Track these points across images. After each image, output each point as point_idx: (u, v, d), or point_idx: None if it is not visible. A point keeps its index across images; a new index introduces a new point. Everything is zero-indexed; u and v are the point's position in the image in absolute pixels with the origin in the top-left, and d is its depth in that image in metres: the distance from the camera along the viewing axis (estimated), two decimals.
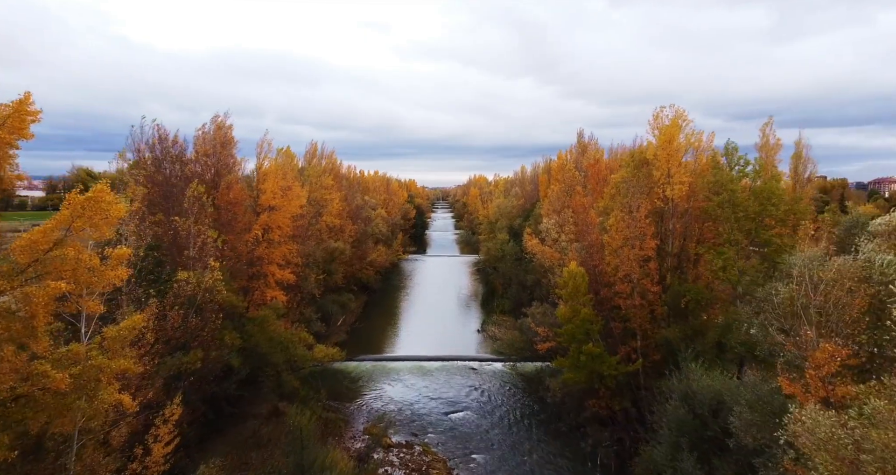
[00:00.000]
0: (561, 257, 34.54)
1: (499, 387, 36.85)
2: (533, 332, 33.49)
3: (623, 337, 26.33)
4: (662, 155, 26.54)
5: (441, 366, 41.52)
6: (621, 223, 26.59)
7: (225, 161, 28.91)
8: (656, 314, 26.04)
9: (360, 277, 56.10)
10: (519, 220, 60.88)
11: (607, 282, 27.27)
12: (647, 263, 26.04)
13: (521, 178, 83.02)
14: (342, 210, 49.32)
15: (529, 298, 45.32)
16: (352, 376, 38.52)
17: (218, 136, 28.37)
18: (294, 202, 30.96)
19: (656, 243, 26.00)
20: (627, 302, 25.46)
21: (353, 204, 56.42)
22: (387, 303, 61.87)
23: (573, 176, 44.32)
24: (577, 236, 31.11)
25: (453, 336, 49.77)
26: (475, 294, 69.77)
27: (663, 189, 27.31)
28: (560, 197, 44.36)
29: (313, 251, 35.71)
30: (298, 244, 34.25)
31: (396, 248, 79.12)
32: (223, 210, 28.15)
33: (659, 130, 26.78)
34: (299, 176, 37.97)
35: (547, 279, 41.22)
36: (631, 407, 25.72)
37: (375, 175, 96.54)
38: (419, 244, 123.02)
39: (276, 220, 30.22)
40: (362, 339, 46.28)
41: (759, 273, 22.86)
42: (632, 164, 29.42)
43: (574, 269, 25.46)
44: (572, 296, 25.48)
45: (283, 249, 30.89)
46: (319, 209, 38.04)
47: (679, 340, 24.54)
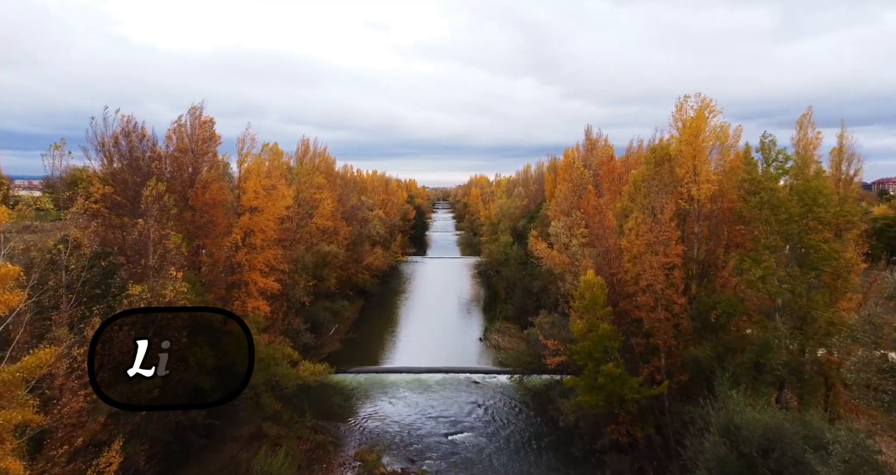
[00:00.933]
0: (571, 263, 31.67)
1: (504, 404, 33.96)
2: (541, 345, 30.66)
3: (645, 354, 23.44)
4: (687, 150, 23.64)
5: (441, 378, 38.67)
6: (643, 226, 23.71)
7: (204, 158, 26.05)
8: (682, 328, 23.14)
9: (356, 282, 53.26)
10: (523, 221, 58.00)
11: (626, 293, 24.38)
12: (672, 271, 23.17)
13: (525, 177, 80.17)
14: (336, 211, 46.48)
15: (536, 305, 42.44)
16: (344, 391, 35.66)
17: (197, 129, 25.52)
18: (279, 203, 28.08)
19: (683, 249, 23.11)
20: (651, 315, 22.57)
21: (348, 204, 53.56)
22: (384, 309, 59.02)
23: (582, 174, 41.47)
24: (591, 240, 28.22)
25: (454, 344, 46.93)
26: (476, 298, 66.95)
27: (688, 188, 24.43)
28: (568, 197, 41.49)
29: (302, 256, 32.85)
30: (285, 249, 31.40)
31: (395, 250, 76.29)
32: (199, 212, 25.32)
33: (683, 123, 23.88)
34: (287, 174, 35.14)
35: (555, 286, 38.37)
36: (655, 434, 22.83)
37: (374, 175, 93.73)
38: (419, 245, 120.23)
39: (259, 223, 27.35)
40: (357, 349, 43.41)
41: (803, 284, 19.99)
42: (652, 161, 26.54)
43: (591, 279, 22.57)
44: (589, 309, 22.59)
45: (266, 255, 28.03)
46: (310, 210, 35.21)
47: (710, 359, 21.68)
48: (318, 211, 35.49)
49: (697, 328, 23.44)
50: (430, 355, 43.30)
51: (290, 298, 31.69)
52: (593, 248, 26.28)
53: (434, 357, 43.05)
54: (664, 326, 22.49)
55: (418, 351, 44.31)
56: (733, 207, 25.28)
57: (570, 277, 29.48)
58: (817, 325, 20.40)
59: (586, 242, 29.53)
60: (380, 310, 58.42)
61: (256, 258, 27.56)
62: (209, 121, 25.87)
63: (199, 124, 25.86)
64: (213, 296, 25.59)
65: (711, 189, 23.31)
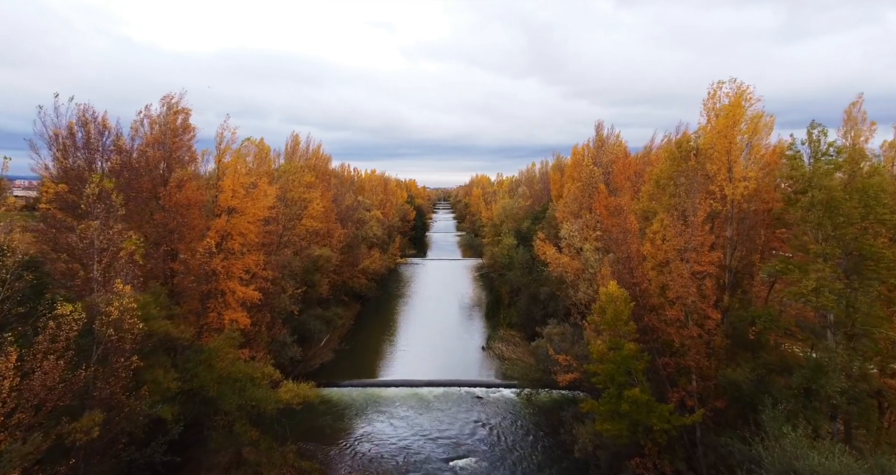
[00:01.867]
0: (584, 269, 28.79)
1: (509, 423, 31.06)
2: (551, 360, 27.80)
3: (674, 377, 20.56)
4: (721, 144, 20.75)
5: (442, 393, 35.81)
6: (670, 230, 20.86)
7: (177, 153, 23.21)
8: (715, 346, 20.27)
9: (352, 286, 50.40)
10: (527, 222, 55.15)
11: (651, 306, 21.51)
12: (703, 281, 20.29)
13: (529, 176, 77.34)
14: (329, 212, 43.64)
15: (543, 314, 39.59)
16: (336, 408, 32.80)
17: (170, 120, 22.68)
18: (260, 203, 25.22)
19: (719, 256, 20.23)
20: (681, 332, 19.70)
21: (343, 205, 50.71)
22: (382, 315, 56.13)
23: (592, 173, 38.61)
24: (607, 245, 25.33)
25: (455, 354, 44.05)
26: (478, 302, 64.07)
27: (720, 187, 21.54)
28: (578, 197, 38.65)
29: (290, 261, 30.01)
30: (271, 254, 28.55)
31: (394, 253, 73.41)
32: (172, 213, 22.49)
33: (716, 113, 20.97)
34: (275, 172, 32.30)
35: (564, 293, 35.51)
36: (686, 469, 19.92)
37: (372, 174, 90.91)
38: (419, 247, 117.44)
39: (238, 226, 24.51)
40: (351, 360, 40.56)
41: (865, 297, 17.11)
42: (678, 157, 23.68)
43: (614, 291, 19.68)
44: (611, 326, 19.71)
45: (246, 261, 25.19)
46: (298, 211, 32.40)
47: (750, 383, 18.79)
48: (306, 212, 32.68)
49: (732, 346, 20.57)
50: (430, 366, 40.46)
51: (276, 308, 28.83)
52: (611, 254, 23.38)
53: (434, 368, 40.22)
54: (696, 345, 19.61)
55: (417, 361, 41.45)
56: (770, 208, 22.46)
57: (583, 286, 26.60)
58: (878, 345, 17.55)
59: (601, 247, 26.65)
60: (377, 316, 55.56)
61: (235, 265, 24.71)
62: (183, 111, 23.02)
63: (172, 114, 23.02)
64: (185, 309, 22.77)
65: (751, 187, 20.42)
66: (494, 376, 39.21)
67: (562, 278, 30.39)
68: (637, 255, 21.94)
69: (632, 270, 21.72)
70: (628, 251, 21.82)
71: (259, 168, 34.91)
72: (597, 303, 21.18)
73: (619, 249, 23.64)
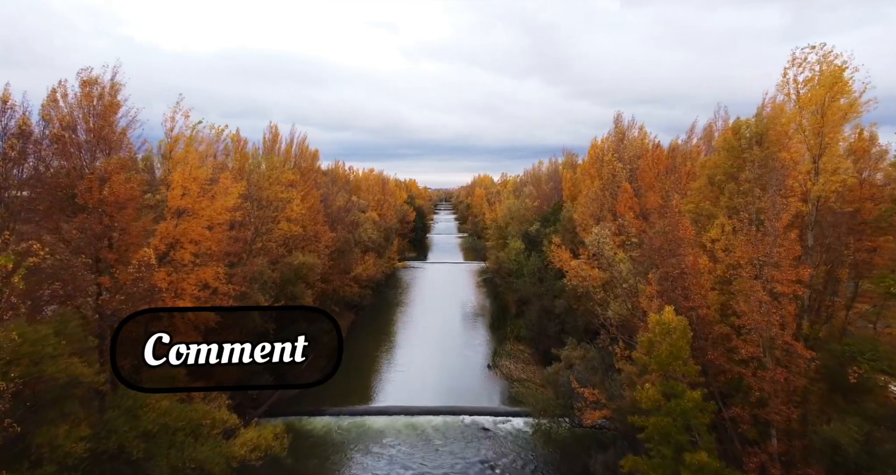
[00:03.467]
0: (611, 281, 23.91)
1: (523, 465, 26.16)
2: (574, 393, 23.00)
3: (747, 433, 15.64)
4: (812, 126, 15.86)
5: (441, 423, 30.91)
6: (738, 238, 16.01)
7: (105, 137, 18.42)
8: (795, 388, 15.38)
9: (344, 295, 45.56)
10: (536, 224, 50.28)
11: (713, 337, 16.63)
12: (780, 302, 15.42)
13: (535, 175, 72.49)
14: (316, 213, 38.84)
15: (558, 330, 34.71)
16: (319, 443, 28.00)
17: (87, 98, 17.89)
18: (219, 203, 20.40)
19: (809, 272, 15.34)
20: (760, 373, 14.83)
21: (334, 206, 45.90)
22: (377, 326, 51.28)
23: (615, 170, 33.77)
24: (646, 255, 20.44)
25: (457, 372, 39.17)
26: (482, 311, 59.21)
27: (801, 182, 16.68)
28: (598, 197, 33.76)
29: (262, 271, 25.18)
30: (237, 265, 23.76)
31: (391, 257, 68.59)
32: (95, 214, 17.69)
33: (806, 85, 16.02)
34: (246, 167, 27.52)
35: (584, 307, 30.63)
36: None
37: (369, 173, 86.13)
38: (420, 249, 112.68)
39: (190, 231, 19.71)
40: (340, 380, 35.68)
41: None
42: (735, 146, 18.81)
43: (670, 320, 14.80)
44: (666, 365, 14.84)
45: (203, 274, 20.39)
46: (274, 214, 27.63)
47: (857, 444, 13.92)
48: (284, 214, 27.88)
49: (824, 392, 15.68)
50: (429, 388, 35.57)
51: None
52: (658, 270, 18.48)
53: (433, 390, 35.36)
54: (780, 391, 14.72)
55: (414, 382, 36.57)
56: (856, 209, 17.59)
57: (615, 305, 21.72)
58: None
59: (636, 257, 21.77)
60: (372, 328, 50.70)
61: (186, 279, 19.89)
62: (111, 87, 18.21)
63: (92, 88, 18.19)
64: (107, 341, 17.92)
65: (849, 182, 15.55)
66: (502, 402, 34.32)
67: (584, 291, 25.50)
68: (692, 270, 17.04)
69: (687, 290, 16.81)
70: (682, 265, 16.91)
71: (237, 164, 30.21)
72: (641, 334, 16.30)
73: (663, 262, 18.72)
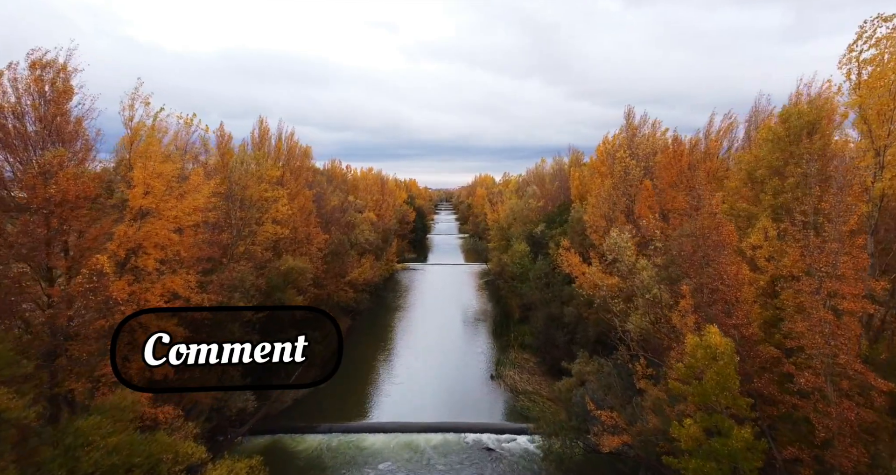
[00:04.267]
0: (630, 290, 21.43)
1: None
2: (587, 412, 20.59)
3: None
4: (879, 112, 13.38)
5: (441, 441, 28.45)
6: (790, 245, 13.55)
7: (58, 128, 16.01)
8: (865, 424, 12.92)
9: (339, 300, 43.12)
10: (541, 225, 47.81)
11: (760, 360, 14.15)
12: (840, 319, 12.95)
13: (539, 175, 70.04)
14: (308, 214, 36.44)
15: (567, 340, 32.22)
16: (308, 467, 25.56)
17: (36, 82, 15.47)
18: (187, 202, 17.94)
19: (884, 285, 12.85)
20: (824, 409, 12.35)
21: (328, 206, 43.46)
22: (374, 333, 48.78)
23: (629, 167, 31.33)
24: (675, 263, 17.93)
25: (458, 383, 36.69)
26: (484, 315, 56.75)
27: (861, 178, 14.20)
28: (611, 196, 31.33)
29: (242, 278, 22.73)
30: (211, 273, 21.35)
31: (389, 259, 66.15)
32: (40, 215, 15.28)
33: (871, 63, 13.54)
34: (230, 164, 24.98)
35: (596, 316, 28.20)
36: None
37: (369, 172, 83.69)
38: (420, 250, 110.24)
39: (154, 234, 17.27)
40: (334, 393, 33.21)
41: None
42: (782, 136, 16.34)
43: (716, 343, 12.30)
44: (710, 397, 12.36)
45: (171, 283, 17.95)
46: (260, 214, 25.17)
47: None
48: (268, 215, 25.38)
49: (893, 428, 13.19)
50: (428, 401, 33.09)
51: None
52: (690, 280, 15.99)
53: (432, 404, 32.89)
54: (849, 429, 12.25)
55: (412, 395, 34.06)
56: None
57: (636, 317, 19.25)
58: None
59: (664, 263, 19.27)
60: (369, 334, 48.23)
61: (151, 290, 17.46)
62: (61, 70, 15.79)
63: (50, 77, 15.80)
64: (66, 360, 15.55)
65: None
66: (506, 416, 31.89)
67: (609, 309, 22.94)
68: (735, 282, 14.55)
69: (729, 306, 14.32)
70: (724, 277, 14.40)
71: (220, 160, 27.76)
72: (675, 357, 13.82)
73: (698, 271, 16.22)
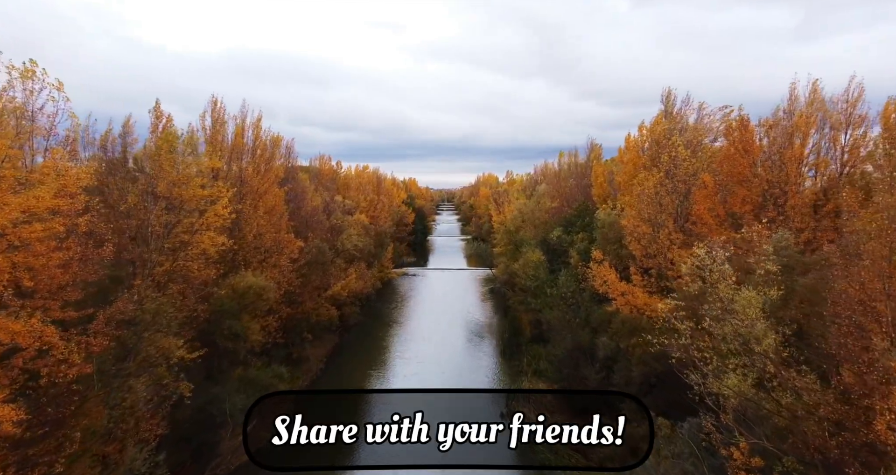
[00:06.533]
0: (720, 332, 14.61)
1: None
2: None
3: None
4: None
5: None
6: None
7: None
8: None
9: (319, 319, 36.44)
10: (558, 230, 40.97)
11: None
12: None
13: (553, 171, 63.20)
14: (278, 218, 29.79)
15: (602, 378, 25.30)
16: None
17: None
18: (43, 202, 11.20)
19: None
20: None
21: (307, 207, 36.79)
22: (363, 353, 41.93)
23: (678, 157, 24.62)
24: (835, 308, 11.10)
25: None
26: (490, 330, 49.98)
27: None
28: (657, 195, 24.60)
29: (156, 310, 16.01)
30: (109, 303, 14.65)
31: (385, 265, 59.44)
32: None
33: None
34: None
35: (640, 349, 21.42)
36: None
37: (363, 170, 77.03)
38: (420, 253, 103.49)
39: None
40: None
41: None
42: None
43: None
44: None
45: (5, 326, 11.22)
46: (193, 219, 18.48)
47: None
48: (203, 221, 18.62)
49: None
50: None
51: (110, 402, 15.02)
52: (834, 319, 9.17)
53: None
54: None
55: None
56: None
57: (736, 379, 12.44)
58: None
59: (779, 297, 12.49)
60: (357, 355, 41.36)
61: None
62: None
63: None
64: None
65: None
66: None
67: (680, 353, 16.12)
68: None
69: None
70: None
71: (155, 149, 21.11)
72: None
73: (852, 308, 9.37)
